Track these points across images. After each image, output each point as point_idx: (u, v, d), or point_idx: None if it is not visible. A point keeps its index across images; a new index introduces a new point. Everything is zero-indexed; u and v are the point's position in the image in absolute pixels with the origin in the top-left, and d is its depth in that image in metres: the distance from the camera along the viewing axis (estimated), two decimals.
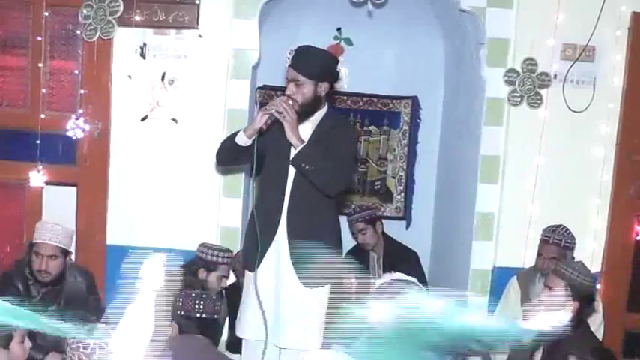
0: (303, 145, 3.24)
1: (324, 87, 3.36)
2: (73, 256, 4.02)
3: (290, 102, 3.26)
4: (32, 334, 3.46)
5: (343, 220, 4.42)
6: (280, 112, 3.23)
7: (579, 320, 3.22)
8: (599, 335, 3.90)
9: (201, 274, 3.82)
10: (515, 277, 4.08)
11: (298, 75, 3.31)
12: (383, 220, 5.01)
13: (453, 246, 4.93)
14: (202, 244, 3.91)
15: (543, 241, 4.00)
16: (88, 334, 2.57)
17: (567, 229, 3.99)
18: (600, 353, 3.04)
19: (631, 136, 4.37)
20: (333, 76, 3.47)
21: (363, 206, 5.06)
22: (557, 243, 3.94)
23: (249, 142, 3.30)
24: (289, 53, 3.35)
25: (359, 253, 4.86)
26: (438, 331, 1.80)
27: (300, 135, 3.26)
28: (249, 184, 4.34)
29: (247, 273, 3.53)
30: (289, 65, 3.35)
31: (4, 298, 3.69)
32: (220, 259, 3.84)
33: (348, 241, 4.92)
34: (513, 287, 4.05)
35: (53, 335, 3.35)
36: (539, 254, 4.00)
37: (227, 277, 3.91)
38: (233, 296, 3.85)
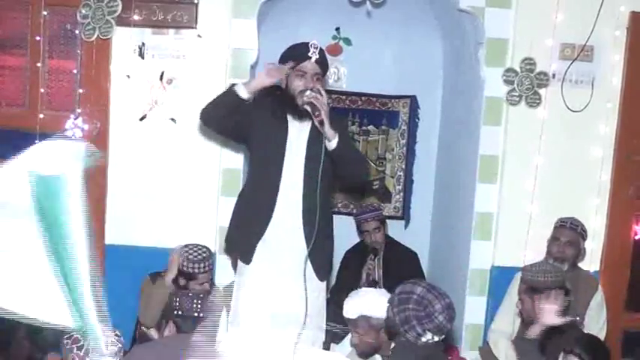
0: (337, 135, 3.26)
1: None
2: None
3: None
4: (33, 335, 3.47)
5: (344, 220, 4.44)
6: (317, 103, 3.24)
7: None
8: (602, 335, 3.90)
9: (181, 281, 3.82)
10: (520, 273, 4.07)
11: (321, 70, 3.36)
12: None
13: (451, 246, 4.93)
14: (184, 257, 3.85)
15: (560, 227, 4.02)
16: (84, 335, 2.57)
17: (581, 222, 4.04)
18: (590, 346, 3.05)
19: (630, 136, 4.38)
20: None
21: (370, 206, 5.07)
22: (573, 228, 3.97)
23: (249, 98, 3.28)
24: (314, 47, 3.35)
25: (358, 253, 4.87)
26: None
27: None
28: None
29: (240, 267, 3.50)
30: (315, 61, 3.35)
31: None
32: (197, 271, 3.81)
33: (348, 241, 4.93)
34: (518, 282, 4.04)
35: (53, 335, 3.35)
36: (554, 239, 4.01)
37: (208, 282, 3.89)
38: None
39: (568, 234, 3.97)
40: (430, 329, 2.62)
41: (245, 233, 3.42)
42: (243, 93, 3.27)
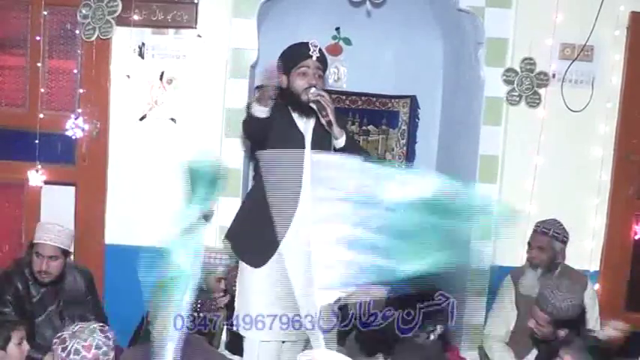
0: (344, 133, 3.26)
1: None
2: (71, 256, 4.02)
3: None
4: (31, 335, 3.47)
5: None
6: (323, 101, 3.22)
7: (575, 334, 3.26)
8: (597, 329, 3.91)
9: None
10: (509, 276, 4.09)
11: (322, 68, 3.34)
12: None
13: None
14: None
15: (533, 231, 4.01)
16: (71, 336, 2.57)
17: (558, 221, 3.98)
18: (596, 350, 3.05)
19: (629, 136, 4.38)
20: None
21: None
22: (545, 232, 3.93)
23: (267, 113, 3.18)
24: (314, 45, 3.34)
25: None
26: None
27: None
28: (248, 184, 4.34)
29: (250, 271, 3.47)
30: (317, 58, 3.33)
31: (4, 297, 3.72)
32: (218, 262, 3.83)
33: None
34: (507, 286, 4.06)
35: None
36: (528, 244, 4.01)
37: (226, 278, 3.90)
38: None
39: (539, 239, 3.94)
40: (440, 320, 2.62)
41: (262, 237, 3.38)
42: (260, 112, 3.20)
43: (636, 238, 4.48)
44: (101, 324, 2.74)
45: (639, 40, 4.33)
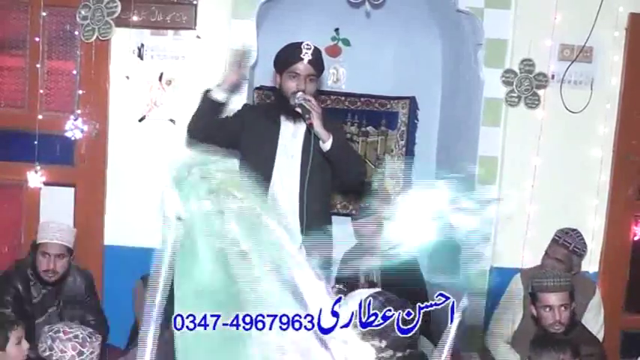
0: (332, 136, 3.27)
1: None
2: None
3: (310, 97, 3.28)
4: (31, 336, 3.47)
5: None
6: (308, 105, 3.23)
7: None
8: (600, 337, 3.90)
9: None
10: (519, 275, 4.08)
11: (315, 71, 3.33)
12: None
13: None
14: None
15: (553, 241, 3.99)
16: (65, 340, 2.57)
17: (581, 236, 3.99)
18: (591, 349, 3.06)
19: (629, 137, 4.38)
20: None
21: (370, 207, 5.07)
22: (565, 245, 3.93)
23: (225, 98, 3.30)
24: (306, 48, 3.32)
25: (356, 255, 4.87)
26: None
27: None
28: None
29: None
30: (308, 61, 3.32)
31: (3, 298, 3.72)
32: None
33: (347, 242, 4.92)
34: (517, 284, 4.04)
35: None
36: (546, 253, 4.00)
37: None
38: None
39: (558, 251, 3.94)
40: (388, 345, 2.48)
41: None
42: (218, 94, 3.28)
43: (635, 239, 4.48)
44: (90, 331, 2.73)
45: (638, 42, 4.33)
